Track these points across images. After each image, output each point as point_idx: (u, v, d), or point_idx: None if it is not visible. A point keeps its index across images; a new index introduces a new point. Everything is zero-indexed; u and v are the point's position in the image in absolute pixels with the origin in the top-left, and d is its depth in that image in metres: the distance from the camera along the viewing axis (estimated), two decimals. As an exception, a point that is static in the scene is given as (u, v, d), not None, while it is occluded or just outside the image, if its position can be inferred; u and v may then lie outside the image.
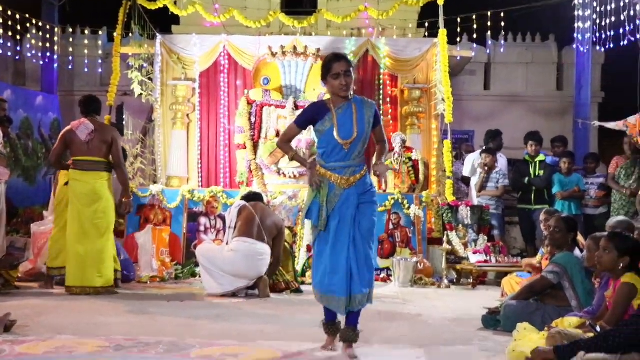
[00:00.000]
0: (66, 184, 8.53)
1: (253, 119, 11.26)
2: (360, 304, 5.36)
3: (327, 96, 5.62)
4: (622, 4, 11.25)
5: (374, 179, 6.03)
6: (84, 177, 8.34)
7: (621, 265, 5.21)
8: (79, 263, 8.19)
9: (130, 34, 12.46)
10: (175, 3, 12.36)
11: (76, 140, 8.34)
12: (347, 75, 5.31)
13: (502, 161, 11.76)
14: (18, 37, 14.04)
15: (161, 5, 11.88)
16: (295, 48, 11.39)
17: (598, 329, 4.95)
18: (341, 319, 5.56)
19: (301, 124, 5.65)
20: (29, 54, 15.09)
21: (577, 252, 6.78)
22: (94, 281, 8.16)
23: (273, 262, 8.40)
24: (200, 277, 9.32)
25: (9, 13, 12.94)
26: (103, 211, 8.33)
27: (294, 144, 6.16)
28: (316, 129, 5.46)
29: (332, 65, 5.34)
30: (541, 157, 11.26)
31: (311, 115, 5.54)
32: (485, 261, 9.82)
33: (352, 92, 5.46)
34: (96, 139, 8.27)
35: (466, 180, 12.01)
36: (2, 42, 14.05)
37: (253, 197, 8.83)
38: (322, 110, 5.45)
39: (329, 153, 5.40)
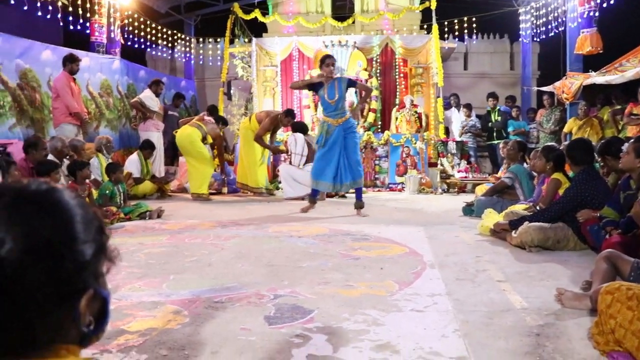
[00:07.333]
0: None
1: (314, 89, 10.95)
2: (359, 184, 6.27)
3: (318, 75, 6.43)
4: (550, 8, 10.92)
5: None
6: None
7: (548, 167, 4.89)
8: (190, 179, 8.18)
9: (236, 39, 12.24)
10: (263, 15, 11.98)
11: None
12: (332, 65, 6.20)
13: (474, 115, 11.29)
14: (170, 45, 14.24)
15: (253, 16, 11.54)
16: (340, 42, 10.95)
17: (537, 208, 4.67)
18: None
19: (311, 86, 6.48)
20: (176, 55, 15.18)
21: (524, 164, 6.45)
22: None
23: None
24: (280, 189, 9.21)
25: (164, 30, 13.10)
26: (194, 150, 8.01)
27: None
28: (318, 94, 6.34)
29: (325, 60, 6.22)
30: (496, 109, 10.95)
31: (314, 85, 6.32)
32: (465, 177, 9.51)
33: (334, 75, 6.25)
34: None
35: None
36: (162, 49, 14.30)
37: (303, 127, 8.75)
38: (320, 84, 6.23)
39: (325, 108, 6.30)
